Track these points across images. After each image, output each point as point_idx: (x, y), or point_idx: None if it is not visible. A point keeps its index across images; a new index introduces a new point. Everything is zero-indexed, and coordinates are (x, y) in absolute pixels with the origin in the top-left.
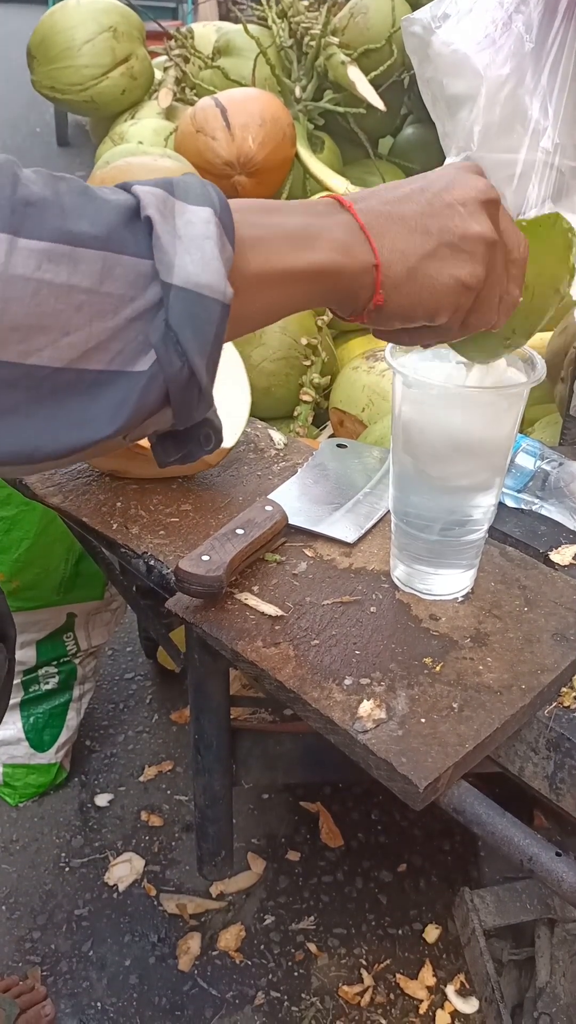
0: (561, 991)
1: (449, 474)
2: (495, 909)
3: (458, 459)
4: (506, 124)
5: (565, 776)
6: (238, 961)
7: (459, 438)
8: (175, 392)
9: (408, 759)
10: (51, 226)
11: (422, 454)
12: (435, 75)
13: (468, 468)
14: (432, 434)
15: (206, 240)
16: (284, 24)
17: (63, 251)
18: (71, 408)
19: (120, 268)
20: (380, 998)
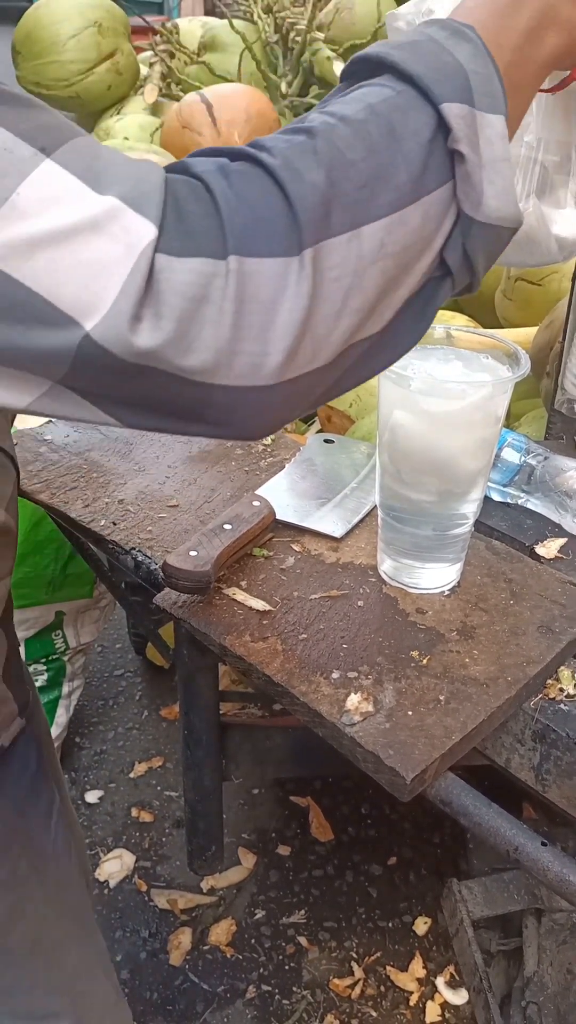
0: (548, 980)
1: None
2: (483, 900)
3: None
4: None
5: (551, 767)
6: (229, 955)
7: (438, 444)
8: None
9: (395, 751)
10: (383, 200)
11: (402, 459)
12: None
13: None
14: (415, 441)
15: (504, 163)
16: (270, 19)
17: (394, 220)
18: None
19: (432, 207)
20: (371, 990)
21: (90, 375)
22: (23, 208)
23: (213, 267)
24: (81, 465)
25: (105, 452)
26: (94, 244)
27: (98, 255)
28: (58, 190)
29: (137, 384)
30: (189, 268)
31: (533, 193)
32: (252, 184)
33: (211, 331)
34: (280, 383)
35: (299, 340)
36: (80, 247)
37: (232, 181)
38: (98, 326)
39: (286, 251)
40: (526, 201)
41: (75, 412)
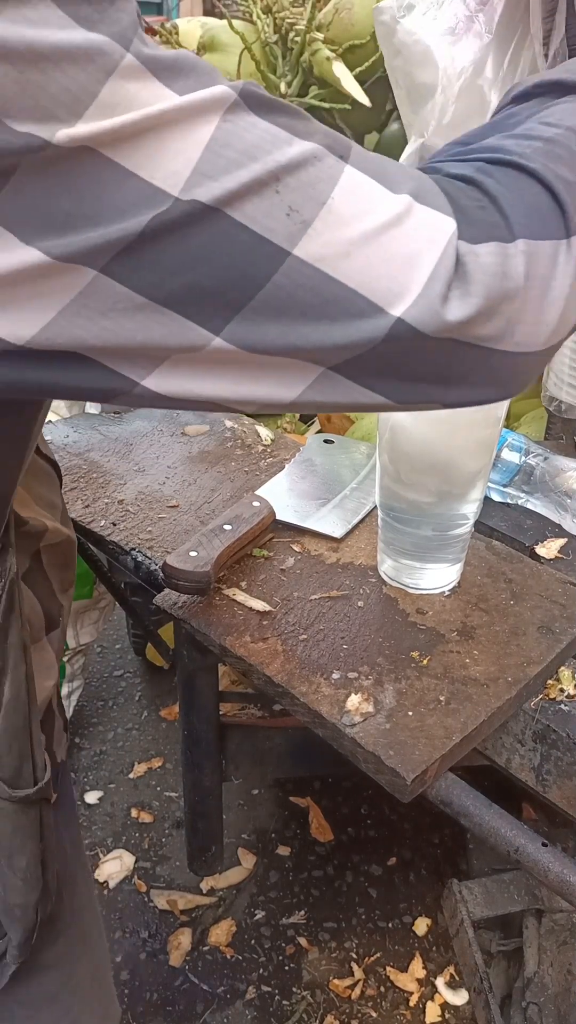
0: (549, 980)
1: (425, 482)
2: (483, 900)
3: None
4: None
5: (551, 768)
6: (229, 956)
7: (438, 445)
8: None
9: (396, 752)
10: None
11: (402, 459)
12: (402, 65)
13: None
14: (415, 441)
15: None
16: (269, 20)
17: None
18: None
19: None
20: (371, 991)
21: (386, 356)
22: (338, 211)
23: (505, 249)
24: (81, 465)
25: (105, 453)
26: (400, 238)
27: (405, 247)
28: (363, 193)
29: (429, 357)
30: (488, 251)
31: None
32: (518, 180)
33: (507, 304)
34: (546, 348)
35: (565, 311)
36: (389, 242)
37: (498, 178)
38: (410, 309)
39: (558, 235)
40: None
41: (342, 397)
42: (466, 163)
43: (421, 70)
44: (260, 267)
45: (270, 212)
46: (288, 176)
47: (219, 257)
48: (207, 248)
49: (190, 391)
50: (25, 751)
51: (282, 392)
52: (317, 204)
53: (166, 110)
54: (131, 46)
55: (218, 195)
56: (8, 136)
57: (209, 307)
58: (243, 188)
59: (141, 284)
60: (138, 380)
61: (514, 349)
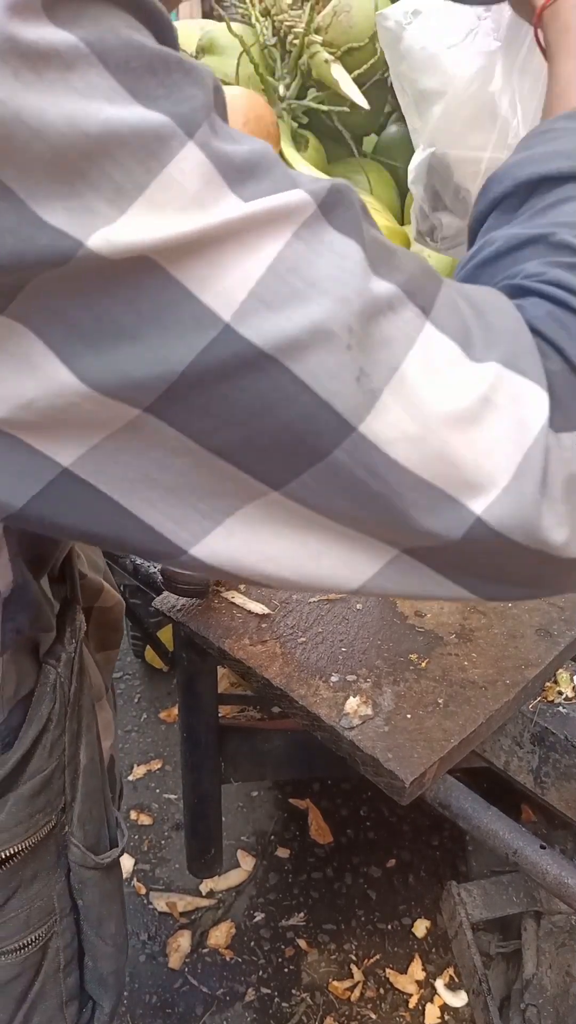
0: (548, 982)
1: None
2: (482, 903)
3: None
4: (474, 122)
5: (549, 770)
6: (228, 958)
7: None
8: None
9: (394, 754)
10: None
11: None
12: (407, 71)
13: None
14: None
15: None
16: (267, 22)
17: None
18: None
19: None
20: (370, 993)
21: (469, 554)
22: (412, 382)
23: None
24: None
25: None
26: (483, 422)
27: (488, 433)
28: (442, 362)
29: (517, 562)
30: (572, 444)
31: None
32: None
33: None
34: None
35: None
36: (469, 427)
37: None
38: (493, 507)
39: None
40: None
41: (420, 587)
42: (549, 305)
43: (427, 76)
44: (321, 437)
45: (338, 373)
46: (361, 328)
47: (276, 414)
48: (263, 401)
49: (243, 558)
50: (102, 814)
51: (348, 573)
52: (389, 369)
53: (229, 221)
54: (197, 133)
55: (277, 340)
56: (32, 231)
57: (268, 463)
58: (308, 336)
59: (191, 429)
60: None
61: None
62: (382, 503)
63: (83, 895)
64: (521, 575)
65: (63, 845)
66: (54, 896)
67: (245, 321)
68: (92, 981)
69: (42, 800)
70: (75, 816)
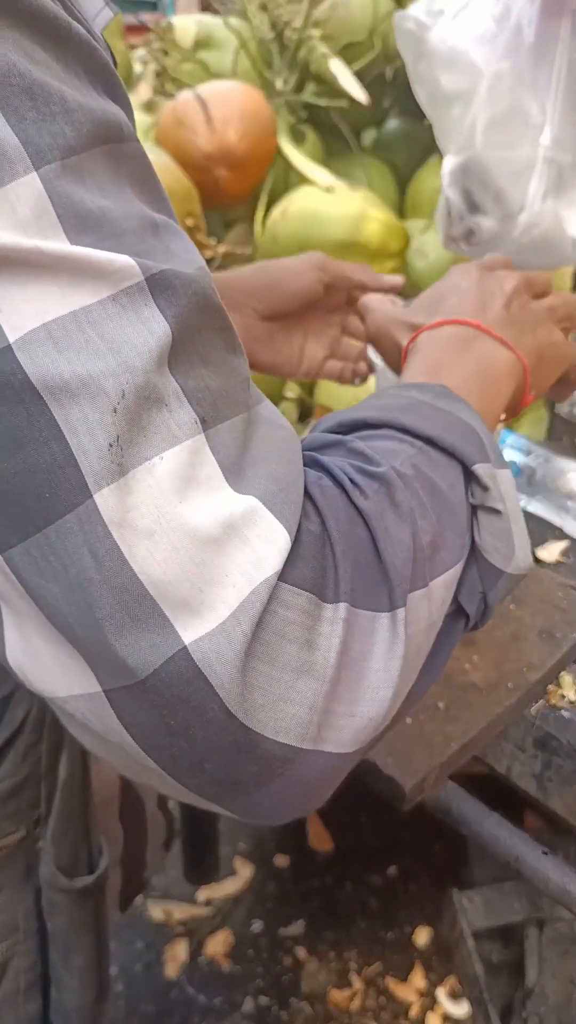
0: (550, 991)
1: None
2: (484, 910)
3: None
4: (505, 120)
5: (552, 775)
6: (226, 967)
7: None
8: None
9: (394, 760)
10: (443, 556)
11: None
12: (429, 71)
13: None
14: None
15: (520, 514)
16: (265, 17)
17: (450, 576)
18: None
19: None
20: (370, 1002)
21: (155, 706)
22: (160, 479)
23: (320, 609)
24: None
25: None
26: (224, 547)
27: (225, 559)
28: (201, 476)
29: (199, 723)
30: (300, 605)
31: (549, 194)
32: (355, 528)
33: (307, 684)
34: (356, 750)
35: (389, 705)
36: (207, 546)
37: (340, 519)
38: (202, 641)
39: (380, 606)
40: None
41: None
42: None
43: (453, 76)
44: (58, 495)
45: (94, 431)
46: (135, 403)
47: (22, 456)
48: (13, 437)
49: None
50: (81, 836)
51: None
52: (143, 457)
53: (45, 252)
54: (44, 168)
55: (50, 378)
56: None
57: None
58: (79, 385)
59: None
60: None
61: (321, 748)
62: (87, 598)
63: (52, 918)
64: (211, 751)
65: (34, 861)
66: (19, 914)
67: (27, 349)
68: (56, 1013)
69: (11, 807)
70: (49, 832)
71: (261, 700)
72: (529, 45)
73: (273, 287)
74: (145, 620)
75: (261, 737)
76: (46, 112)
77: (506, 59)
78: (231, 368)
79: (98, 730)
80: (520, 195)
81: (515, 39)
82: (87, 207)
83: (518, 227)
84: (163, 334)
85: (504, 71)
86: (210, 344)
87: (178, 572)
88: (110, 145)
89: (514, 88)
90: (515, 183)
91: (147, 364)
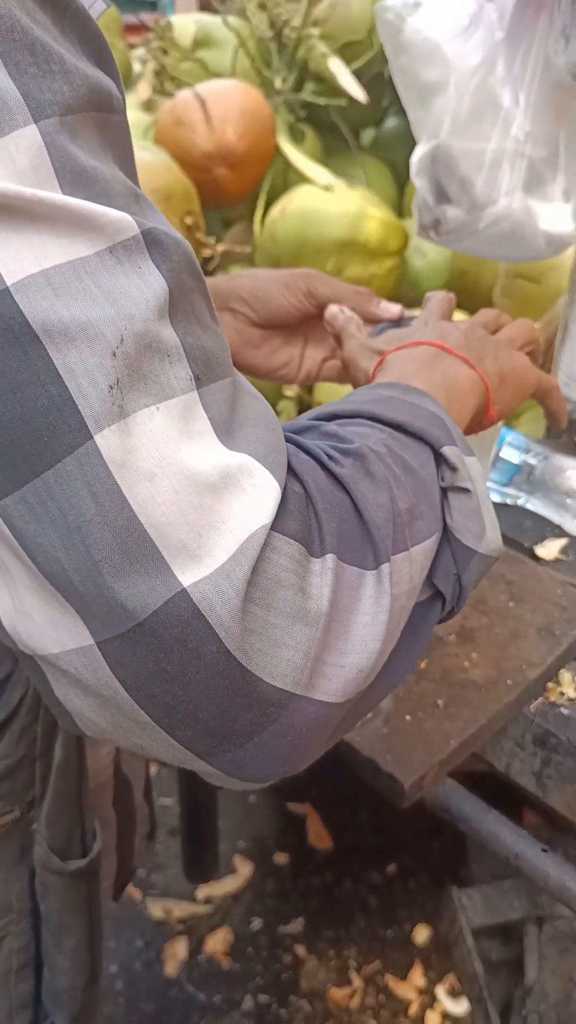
0: (550, 989)
1: None
2: (483, 908)
3: None
4: (477, 113)
5: (551, 772)
6: (225, 965)
7: None
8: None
9: (393, 757)
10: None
11: None
12: (408, 63)
13: None
14: None
15: (488, 499)
16: (264, 16)
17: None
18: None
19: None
20: (370, 1000)
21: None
22: (159, 426)
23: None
24: None
25: None
26: (221, 494)
27: (223, 506)
28: (194, 430)
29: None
30: (292, 554)
31: (521, 188)
32: (335, 491)
33: (301, 630)
34: (344, 701)
35: (377, 657)
36: (206, 492)
37: (320, 483)
38: (200, 583)
39: (366, 563)
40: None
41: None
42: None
43: (429, 68)
44: (57, 438)
45: (94, 375)
46: (134, 349)
47: (19, 399)
48: (10, 380)
49: None
50: (75, 819)
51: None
52: (143, 403)
53: (44, 202)
54: (43, 121)
55: (48, 321)
56: None
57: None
58: (78, 329)
59: None
60: None
61: (312, 695)
62: (86, 540)
63: (45, 899)
64: (207, 697)
65: (28, 842)
66: (12, 894)
67: (25, 292)
68: (48, 994)
69: (5, 787)
70: (43, 814)
71: (259, 644)
72: (503, 39)
73: (261, 298)
74: (144, 562)
75: (258, 680)
76: (46, 69)
77: (479, 52)
78: (217, 333)
79: (91, 684)
80: (489, 187)
81: (489, 32)
82: (82, 164)
83: (485, 218)
84: (160, 287)
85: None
86: (200, 305)
87: (177, 515)
88: (101, 113)
89: (487, 81)
90: (484, 175)
91: (145, 313)
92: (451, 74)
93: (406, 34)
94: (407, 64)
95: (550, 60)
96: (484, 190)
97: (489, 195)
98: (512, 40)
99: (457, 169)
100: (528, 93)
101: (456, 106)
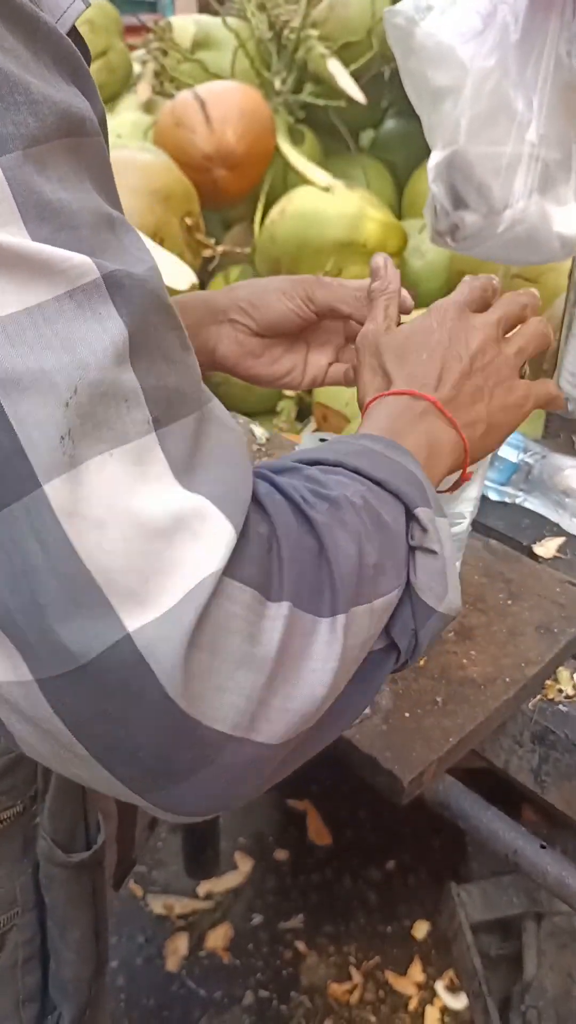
0: (548, 984)
1: None
2: (482, 904)
3: None
4: (491, 116)
5: (550, 769)
6: (226, 961)
7: None
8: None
9: (392, 754)
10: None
11: None
12: (419, 67)
13: None
14: None
15: (452, 561)
16: (263, 17)
17: (390, 599)
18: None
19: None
20: (369, 995)
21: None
22: (112, 473)
23: (264, 607)
24: None
25: None
26: (173, 540)
27: (173, 552)
28: (151, 473)
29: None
30: (244, 600)
31: (536, 190)
32: (303, 537)
33: (246, 676)
34: (283, 743)
35: (322, 703)
36: (157, 537)
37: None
38: (147, 628)
39: (322, 611)
40: (528, 198)
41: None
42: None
43: (441, 72)
44: (5, 486)
45: (44, 425)
46: (87, 399)
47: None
48: None
49: None
50: (78, 813)
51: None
52: (96, 450)
53: (5, 248)
54: (4, 157)
55: (2, 369)
56: None
57: None
58: (30, 378)
59: None
60: None
61: (253, 737)
62: (32, 585)
63: (49, 892)
64: (147, 738)
65: (32, 836)
66: (17, 888)
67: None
68: (54, 986)
69: (7, 782)
70: (46, 808)
71: (201, 688)
72: (516, 41)
73: (260, 307)
74: (90, 607)
75: (197, 723)
76: (10, 102)
77: (493, 55)
78: (187, 366)
79: (30, 716)
80: (506, 191)
81: (502, 35)
82: (46, 198)
83: (503, 223)
84: (119, 332)
85: (491, 67)
86: (167, 341)
87: (126, 562)
88: (73, 138)
89: (501, 84)
90: (501, 179)
91: (102, 360)
92: (467, 77)
93: (417, 38)
94: (418, 68)
95: (561, 61)
96: (501, 194)
97: (506, 199)
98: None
99: (474, 174)
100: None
101: (472, 110)
